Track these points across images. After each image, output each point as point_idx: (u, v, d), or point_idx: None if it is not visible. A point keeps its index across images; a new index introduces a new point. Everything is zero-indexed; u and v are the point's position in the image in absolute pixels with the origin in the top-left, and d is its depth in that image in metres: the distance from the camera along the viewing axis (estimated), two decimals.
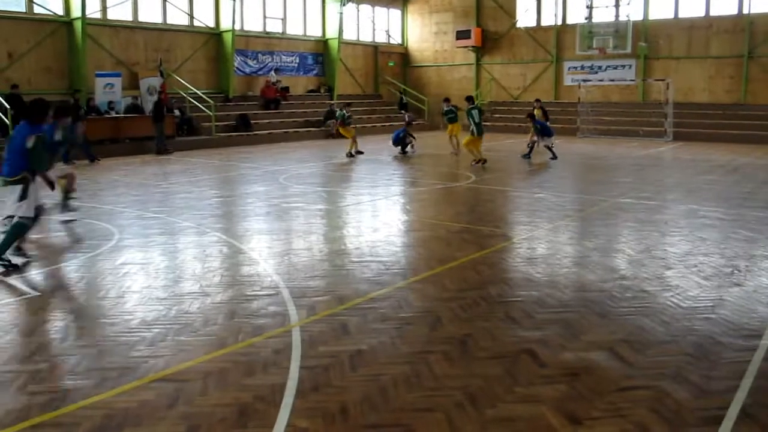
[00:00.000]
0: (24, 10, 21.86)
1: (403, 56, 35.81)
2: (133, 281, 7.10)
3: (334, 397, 4.39)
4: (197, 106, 24.17)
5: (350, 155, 19.71)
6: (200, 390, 4.49)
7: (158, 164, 18.32)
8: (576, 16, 29.68)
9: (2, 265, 7.34)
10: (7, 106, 18.97)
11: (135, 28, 24.43)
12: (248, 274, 7.36)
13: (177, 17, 25.82)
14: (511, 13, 32.11)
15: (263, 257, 8.10)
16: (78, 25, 22.29)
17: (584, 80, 29.09)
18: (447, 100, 21.09)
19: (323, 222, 10.57)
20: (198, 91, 24.57)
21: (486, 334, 5.50)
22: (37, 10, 22.08)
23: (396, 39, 35.48)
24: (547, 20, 31.44)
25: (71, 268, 7.75)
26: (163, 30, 25.26)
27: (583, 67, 30.23)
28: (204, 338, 5.40)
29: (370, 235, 9.49)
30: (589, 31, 27.96)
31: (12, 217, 7.56)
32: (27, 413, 4.18)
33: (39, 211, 7.89)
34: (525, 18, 31.89)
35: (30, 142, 7.41)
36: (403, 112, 30.60)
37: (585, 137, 26.61)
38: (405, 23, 35.51)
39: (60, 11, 22.49)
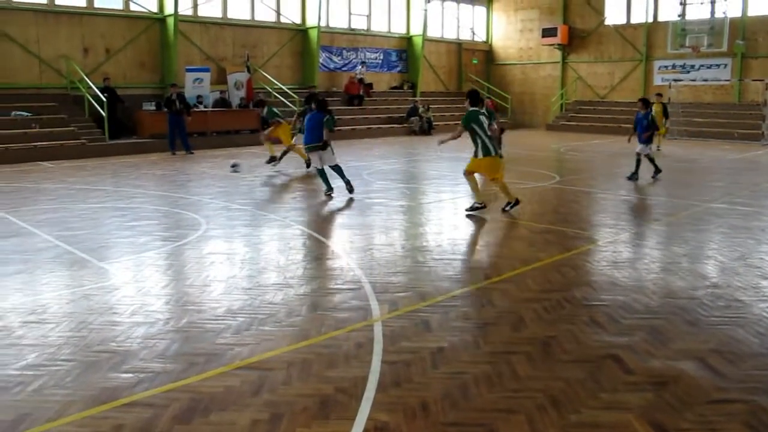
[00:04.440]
0: (121, 8, 22.79)
1: (487, 54, 35.47)
2: (219, 271, 7.30)
3: (415, 393, 4.38)
4: (282, 101, 24.61)
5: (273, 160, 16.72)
6: (283, 379, 4.57)
7: (243, 157, 18.74)
8: (668, 13, 28.65)
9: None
10: (104, 98, 19.87)
11: (224, 24, 25.10)
12: (331, 268, 7.45)
13: (264, 14, 26.38)
14: (599, 10, 31.30)
15: (346, 251, 8.19)
16: (170, 21, 23.06)
17: (675, 80, 28.09)
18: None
19: (405, 218, 10.60)
20: (283, 87, 25.04)
21: (570, 337, 5.38)
22: (133, 7, 22.98)
23: (480, 36, 35.16)
24: (638, 17, 30.48)
25: (160, 256, 8.03)
26: (251, 26, 25.85)
27: (674, 66, 29.17)
28: (287, 329, 5.50)
29: (452, 233, 9.44)
30: (682, 28, 26.95)
31: None
32: (120, 392, 4.36)
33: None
34: (614, 15, 31.03)
35: None
36: None
37: (675, 139, 25.67)
38: (490, 20, 35.16)
39: (154, 8, 23.33)
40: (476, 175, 10.78)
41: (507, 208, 10.61)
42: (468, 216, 10.40)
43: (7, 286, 6.82)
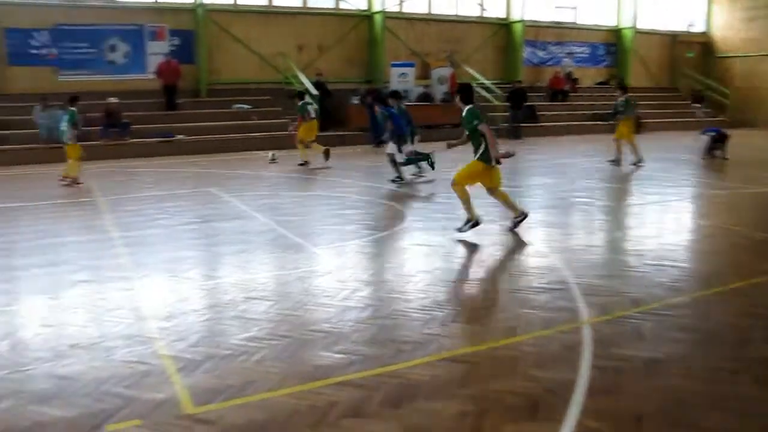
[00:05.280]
0: (332, 7, 24.00)
1: (704, 45, 32.86)
2: (423, 262, 7.44)
3: (626, 402, 4.17)
4: (485, 96, 24.55)
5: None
6: (489, 374, 4.55)
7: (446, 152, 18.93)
8: None
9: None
10: (316, 92, 21.02)
11: (429, 20, 25.55)
12: (536, 266, 7.30)
13: (468, 9, 26.47)
14: None
15: (551, 250, 7.99)
16: (378, 18, 23.89)
17: None
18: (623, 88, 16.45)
19: (612, 219, 10.15)
20: (486, 82, 24.98)
21: None
22: (342, 6, 24.10)
23: (697, 27, 32.66)
24: None
25: (368, 244, 8.34)
26: (455, 21, 26.08)
27: None
28: (493, 324, 5.48)
29: (666, 237, 8.89)
30: None
31: None
32: (333, 371, 4.57)
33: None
34: None
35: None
36: (698, 106, 28.22)
37: None
38: (710, 10, 32.49)
39: (363, 6, 24.29)
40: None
41: (513, 226, 8.81)
42: (677, 220, 9.72)
43: (233, 264, 7.46)
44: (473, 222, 8.52)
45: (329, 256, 7.68)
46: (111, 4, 21.43)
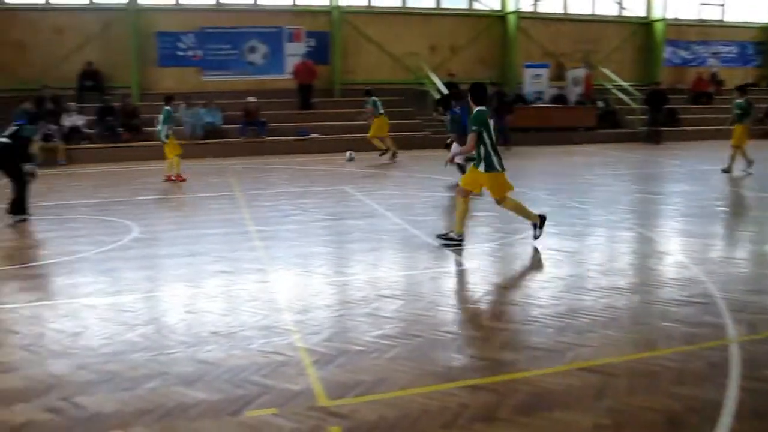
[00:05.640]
0: (466, 7, 23.91)
1: None
2: (558, 268, 7.26)
3: None
4: (621, 98, 23.65)
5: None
6: (627, 388, 4.36)
7: (580, 155, 18.47)
8: None
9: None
10: (445, 91, 20.99)
11: (564, 19, 24.93)
12: (677, 278, 6.93)
13: (606, 7, 25.58)
14: None
15: (692, 261, 7.57)
16: (512, 18, 23.59)
17: None
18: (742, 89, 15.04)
19: (759, 231, 9.47)
20: (623, 83, 24.04)
21: None
22: (476, 6, 23.97)
23: None
24: None
25: (502, 248, 8.24)
26: (591, 21, 25.30)
27: None
28: (632, 336, 5.26)
29: None
30: None
31: None
32: (464, 374, 4.55)
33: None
34: None
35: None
36: None
37: None
38: None
39: (497, 6, 24.04)
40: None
41: (536, 233, 8.08)
42: None
43: (365, 261, 7.60)
44: (457, 239, 7.96)
45: (462, 257, 7.64)
46: (253, 7, 22.43)
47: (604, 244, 8.57)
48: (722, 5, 27.39)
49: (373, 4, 23.26)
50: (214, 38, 22.01)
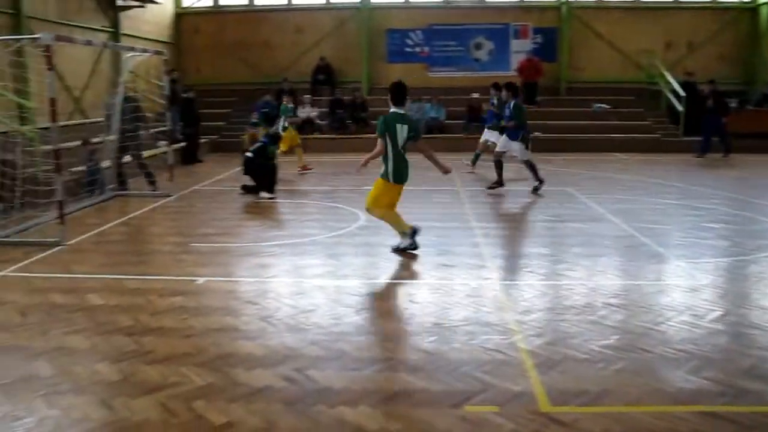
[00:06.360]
0: (708, 0, 22.10)
1: None
2: None
3: None
4: None
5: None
6: None
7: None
8: None
9: None
10: (683, 93, 19.61)
11: None
12: None
13: None
14: None
15: None
16: (764, 11, 21.41)
17: None
18: None
19: None
20: None
21: None
22: None
23: None
24: None
25: (743, 264, 7.55)
26: None
27: None
28: None
29: None
30: None
31: None
32: (698, 398, 4.23)
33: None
34: None
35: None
36: None
37: None
38: None
39: None
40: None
41: (404, 244, 7.78)
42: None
43: (591, 267, 7.35)
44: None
45: (694, 272, 7.10)
46: (480, 4, 22.54)
47: None
48: None
49: None
50: (441, 35, 22.45)
